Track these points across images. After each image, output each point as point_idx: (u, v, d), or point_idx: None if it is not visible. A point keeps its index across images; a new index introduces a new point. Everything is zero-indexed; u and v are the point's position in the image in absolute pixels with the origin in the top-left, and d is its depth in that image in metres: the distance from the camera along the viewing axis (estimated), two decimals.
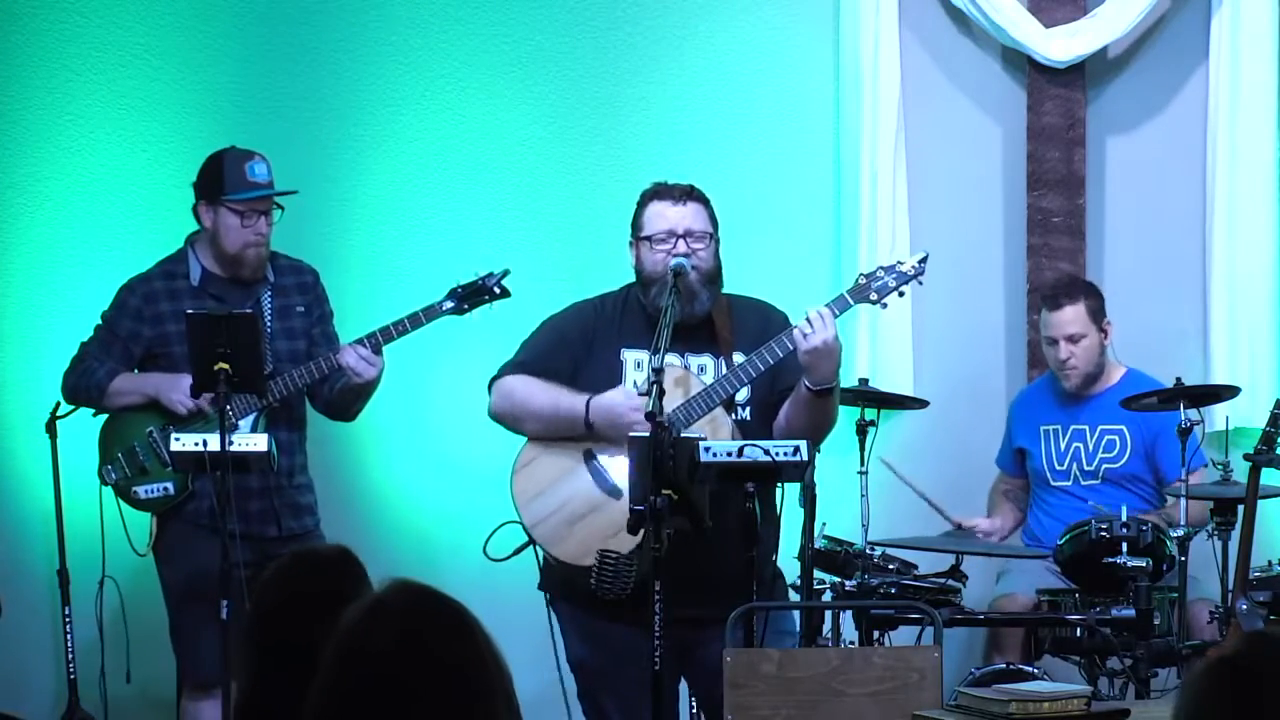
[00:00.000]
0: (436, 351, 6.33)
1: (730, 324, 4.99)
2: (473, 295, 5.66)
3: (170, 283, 5.72)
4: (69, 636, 6.00)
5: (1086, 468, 6.30)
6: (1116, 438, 6.29)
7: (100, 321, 5.78)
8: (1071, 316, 6.25)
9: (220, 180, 5.67)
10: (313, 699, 2.22)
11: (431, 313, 5.63)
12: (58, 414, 5.92)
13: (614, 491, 4.89)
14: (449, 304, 5.65)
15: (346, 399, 5.69)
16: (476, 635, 2.24)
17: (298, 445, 5.73)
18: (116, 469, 5.68)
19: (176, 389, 5.57)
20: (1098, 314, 6.28)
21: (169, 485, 5.62)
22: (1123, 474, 6.27)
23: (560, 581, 4.97)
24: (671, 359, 4.78)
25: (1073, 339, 6.25)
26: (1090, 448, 6.31)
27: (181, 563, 5.61)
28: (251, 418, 5.58)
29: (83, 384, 5.73)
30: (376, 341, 5.59)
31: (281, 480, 5.63)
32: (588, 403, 4.89)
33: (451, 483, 6.41)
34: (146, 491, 5.64)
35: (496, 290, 5.67)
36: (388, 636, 2.21)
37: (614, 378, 4.97)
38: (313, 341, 5.73)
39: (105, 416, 5.76)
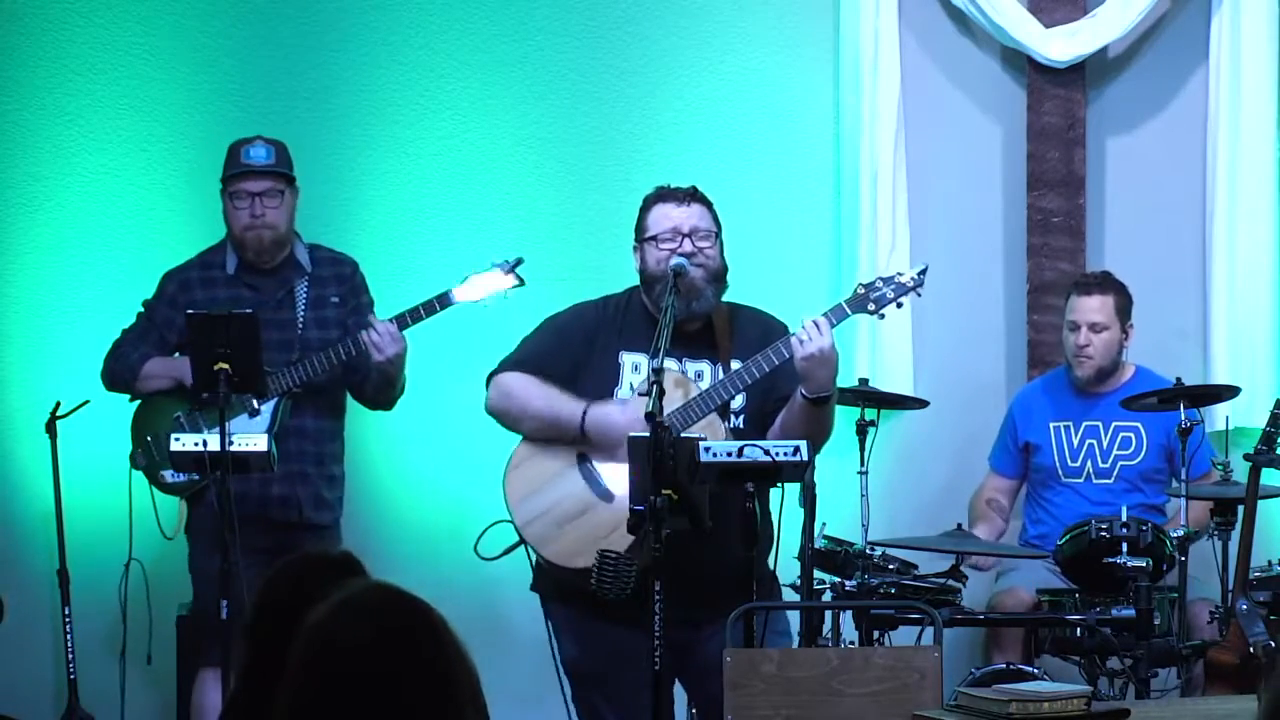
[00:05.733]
0: (443, 346, 6.34)
1: (730, 332, 4.99)
2: (488, 283, 5.68)
3: (206, 272, 5.79)
4: (69, 636, 6.01)
5: (1101, 465, 6.30)
6: (1132, 435, 6.29)
7: (141, 309, 5.82)
8: (1099, 305, 6.25)
9: (224, 168, 5.76)
10: (282, 697, 2.22)
11: (445, 300, 5.65)
12: (58, 414, 5.93)
13: (606, 495, 4.90)
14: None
15: (377, 386, 5.70)
16: (448, 634, 2.25)
17: (328, 434, 5.74)
18: (146, 454, 5.71)
19: None
20: (1124, 312, 6.28)
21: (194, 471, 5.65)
22: (1139, 470, 6.27)
23: (553, 582, 4.97)
24: (669, 364, 4.78)
25: (1094, 327, 6.25)
26: (1105, 444, 6.30)
27: (205, 547, 5.62)
28: (272, 403, 5.59)
29: (118, 368, 5.80)
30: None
31: (307, 467, 5.65)
32: (584, 412, 4.90)
33: (458, 476, 6.41)
34: (173, 476, 5.67)
35: (511, 279, 5.69)
36: (362, 632, 2.21)
37: (611, 380, 4.97)
38: (347, 331, 5.74)
39: (140, 403, 5.79)
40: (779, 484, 4.82)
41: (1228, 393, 6.11)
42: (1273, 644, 5.37)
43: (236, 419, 5.47)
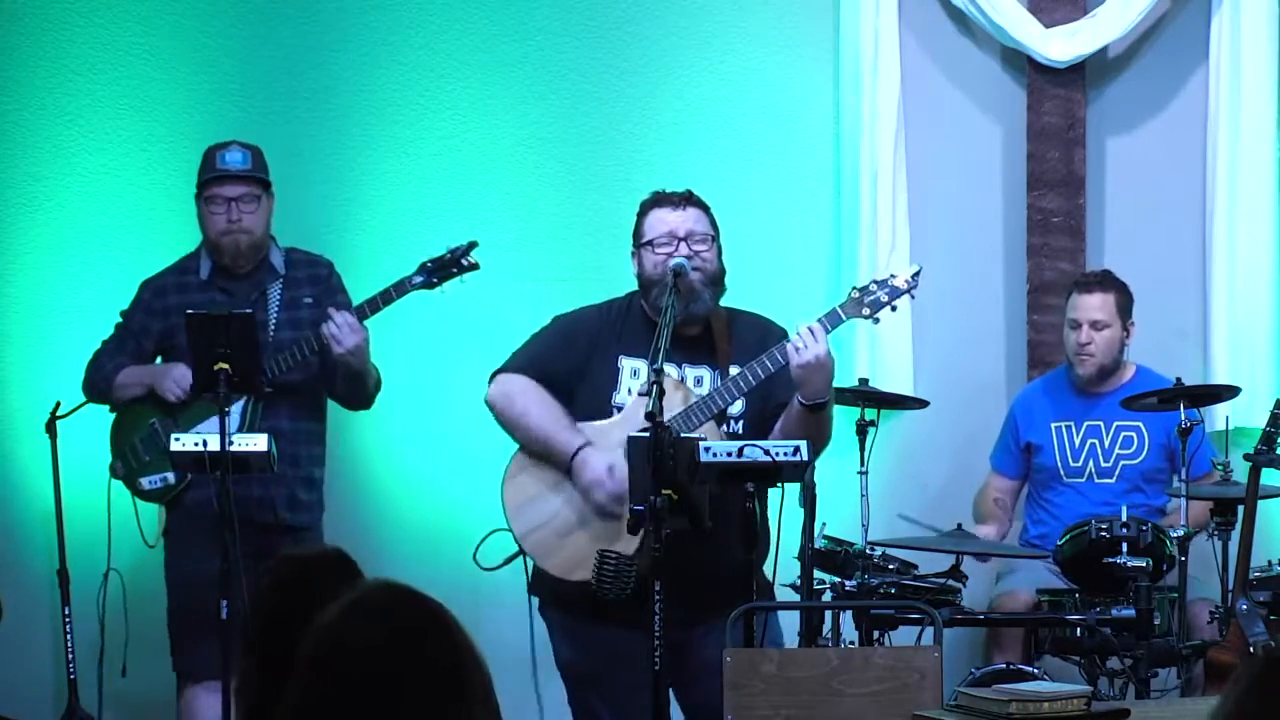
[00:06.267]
0: (442, 347, 6.34)
1: (729, 337, 4.99)
2: (442, 269, 5.67)
3: (181, 277, 5.80)
4: (69, 636, 6.01)
5: (1103, 465, 6.30)
6: (1134, 434, 6.29)
7: (119, 319, 5.83)
8: (1099, 303, 6.26)
9: (199, 173, 5.75)
10: (290, 697, 2.22)
11: (402, 288, 5.65)
12: (58, 414, 5.94)
13: (602, 509, 4.89)
14: (419, 278, 5.66)
15: (346, 381, 5.69)
16: (460, 634, 2.25)
17: (304, 436, 5.71)
18: (124, 462, 5.72)
19: (168, 376, 5.63)
20: (1124, 310, 6.29)
21: (169, 475, 5.65)
22: (1141, 470, 6.27)
23: (549, 585, 4.97)
24: (669, 370, 4.77)
25: (1096, 325, 6.25)
26: (1106, 444, 6.30)
27: (181, 552, 5.65)
28: (240, 404, 5.57)
29: (96, 379, 5.81)
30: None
31: (284, 468, 5.64)
32: (575, 454, 4.88)
33: (456, 477, 6.40)
34: (149, 483, 5.69)
35: (465, 263, 5.68)
36: (368, 634, 2.21)
37: (610, 384, 4.97)
38: None
39: (117, 413, 5.79)
40: (779, 484, 4.82)
41: (1228, 393, 6.10)
42: (1273, 644, 5.37)
43: (205, 422, 5.49)
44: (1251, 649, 5.36)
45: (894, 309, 5.06)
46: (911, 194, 6.66)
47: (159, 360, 5.79)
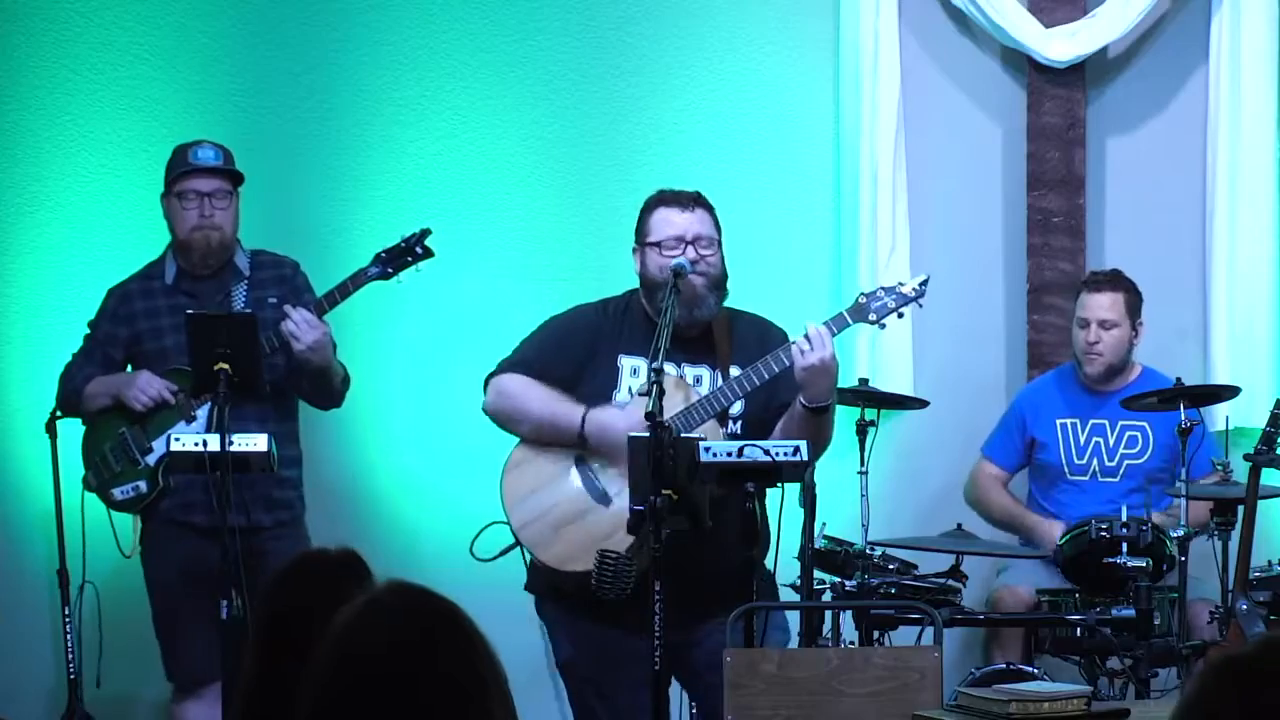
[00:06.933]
0: (440, 347, 6.34)
1: (729, 338, 4.98)
2: (397, 258, 5.63)
3: (146, 283, 5.77)
4: (69, 637, 6.00)
5: (1108, 463, 6.30)
6: (1139, 434, 6.29)
7: (87, 329, 5.81)
8: (1109, 303, 6.26)
9: (169, 170, 5.73)
10: (305, 699, 2.22)
11: (359, 280, 5.61)
12: (57, 414, 5.94)
13: (603, 498, 4.89)
14: (374, 269, 5.63)
15: (311, 379, 5.66)
16: (473, 636, 2.24)
17: (273, 437, 5.68)
18: (95, 473, 5.70)
19: (133, 384, 5.60)
20: (1134, 309, 6.30)
21: (141, 484, 5.63)
22: (1145, 470, 6.27)
23: (548, 583, 4.96)
24: (669, 369, 4.76)
25: (1104, 325, 6.26)
26: (1111, 443, 6.30)
27: (160, 560, 5.64)
28: (205, 409, 5.53)
29: (67, 391, 5.79)
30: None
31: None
32: (583, 416, 4.89)
33: (454, 477, 6.40)
34: (121, 493, 5.66)
35: (419, 251, 5.64)
36: (384, 635, 2.21)
37: (610, 383, 4.96)
38: None
39: (86, 425, 5.78)
40: (779, 484, 4.82)
41: (1228, 393, 6.11)
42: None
43: (174, 428, 5.49)
44: None
45: (900, 316, 5.07)
46: (911, 194, 6.66)
47: (129, 368, 5.76)
